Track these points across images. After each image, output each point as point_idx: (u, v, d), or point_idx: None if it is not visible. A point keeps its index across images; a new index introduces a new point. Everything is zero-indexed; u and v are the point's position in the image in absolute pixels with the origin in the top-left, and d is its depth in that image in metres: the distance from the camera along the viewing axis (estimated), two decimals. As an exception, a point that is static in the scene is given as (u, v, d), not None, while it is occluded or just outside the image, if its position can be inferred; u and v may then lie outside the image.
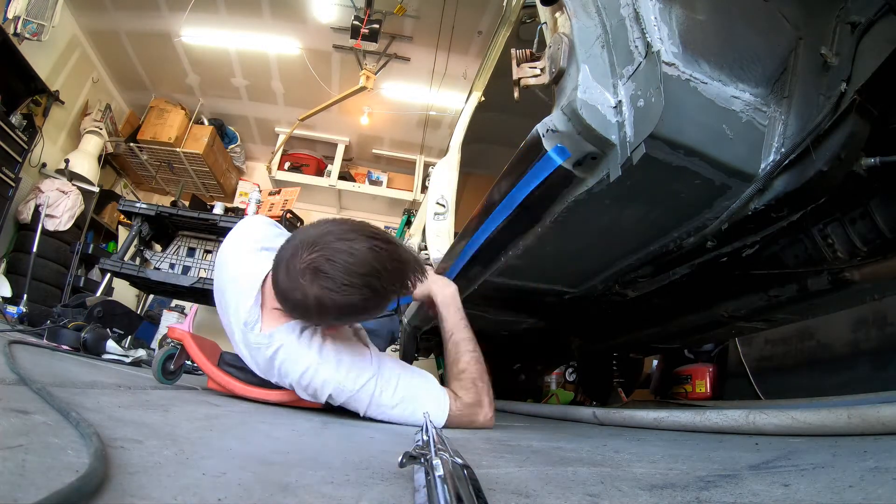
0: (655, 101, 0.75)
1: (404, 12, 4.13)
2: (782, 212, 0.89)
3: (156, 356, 1.26)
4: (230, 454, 0.53)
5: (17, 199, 4.06)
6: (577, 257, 1.23)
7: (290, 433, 0.76)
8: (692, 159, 0.79)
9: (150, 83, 5.39)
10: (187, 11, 4.23)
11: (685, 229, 0.99)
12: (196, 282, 2.75)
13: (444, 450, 0.44)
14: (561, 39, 0.94)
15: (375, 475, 0.51)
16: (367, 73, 4.50)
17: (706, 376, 2.18)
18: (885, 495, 0.45)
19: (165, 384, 1.23)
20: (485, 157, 2.86)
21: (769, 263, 1.13)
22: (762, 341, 2.12)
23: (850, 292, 1.07)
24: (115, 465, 0.41)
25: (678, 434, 1.04)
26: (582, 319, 1.81)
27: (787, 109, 0.82)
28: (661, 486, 0.53)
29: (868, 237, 0.94)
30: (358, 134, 5.78)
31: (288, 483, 0.45)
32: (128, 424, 0.64)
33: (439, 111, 5.13)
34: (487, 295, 1.58)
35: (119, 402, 0.78)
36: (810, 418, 0.80)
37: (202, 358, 1.20)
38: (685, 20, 0.80)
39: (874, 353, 1.68)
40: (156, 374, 1.22)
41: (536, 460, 0.70)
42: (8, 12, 3.57)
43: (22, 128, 3.86)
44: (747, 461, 0.65)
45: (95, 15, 4.55)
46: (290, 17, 4.39)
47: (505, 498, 0.46)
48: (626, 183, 0.85)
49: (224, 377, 1.18)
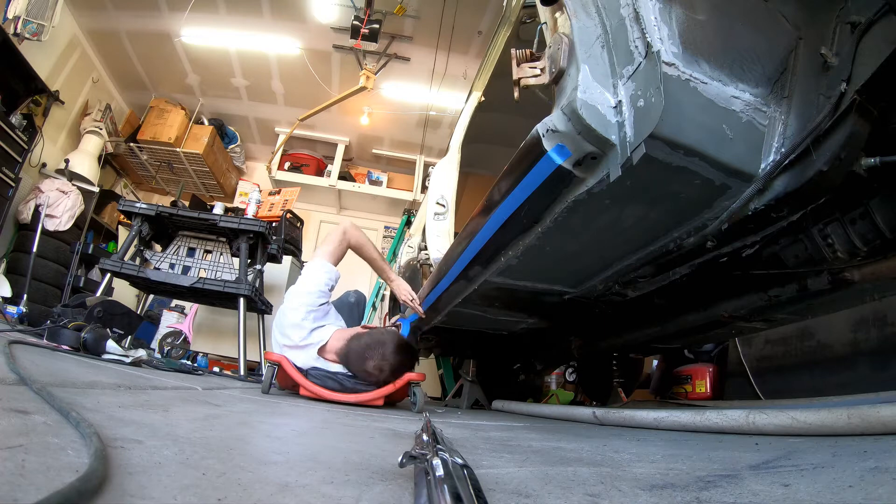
0: (655, 101, 0.75)
1: (404, 12, 4.13)
2: (782, 212, 0.89)
3: (265, 375, 1.75)
4: (230, 454, 0.53)
5: (17, 199, 4.05)
6: (577, 257, 1.23)
7: (290, 433, 0.76)
8: (692, 159, 0.78)
9: (150, 83, 5.39)
10: (187, 11, 4.23)
11: (685, 229, 0.99)
12: (196, 282, 2.74)
13: (444, 450, 0.44)
14: (561, 39, 0.94)
15: (375, 475, 0.51)
16: (367, 73, 4.50)
17: (706, 376, 2.18)
18: (885, 495, 0.45)
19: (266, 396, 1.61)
20: (485, 157, 2.86)
21: (769, 263, 1.13)
22: (762, 341, 2.12)
23: (850, 292, 1.07)
24: (115, 465, 0.41)
25: (678, 434, 1.04)
26: (582, 319, 1.81)
27: (787, 109, 0.82)
28: (661, 486, 0.53)
29: (868, 237, 0.93)
30: (358, 134, 5.78)
31: (288, 483, 0.45)
32: (128, 424, 0.64)
33: (439, 111, 5.13)
34: (487, 295, 1.58)
35: (119, 402, 0.78)
36: (810, 418, 0.80)
37: (296, 374, 1.72)
38: (685, 20, 0.80)
39: (874, 353, 1.68)
40: (265, 390, 1.69)
41: (536, 460, 0.70)
42: (8, 12, 3.57)
43: (22, 128, 3.85)
44: (747, 461, 0.65)
45: (95, 15, 4.55)
46: (290, 17, 4.38)
47: (505, 498, 0.46)
48: (626, 183, 0.85)
49: (316, 387, 1.71)
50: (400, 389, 1.75)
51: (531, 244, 1.15)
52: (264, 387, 1.70)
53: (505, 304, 1.70)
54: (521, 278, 1.41)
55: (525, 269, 1.33)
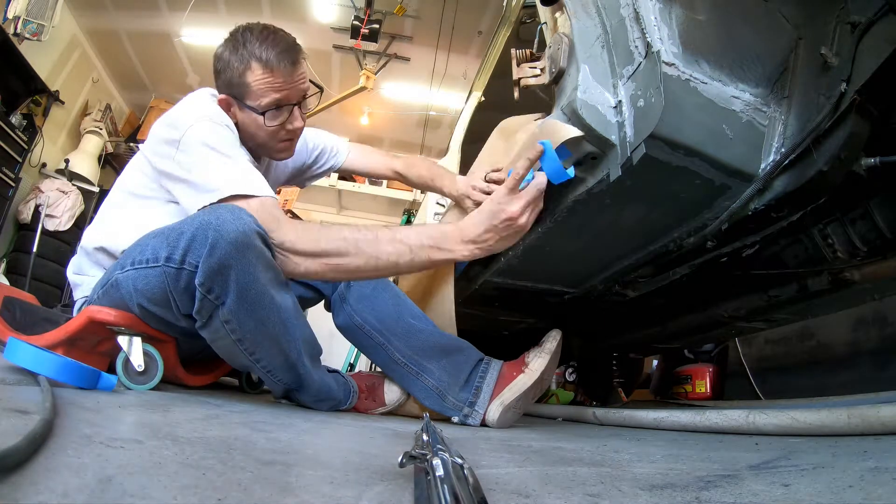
0: (655, 101, 0.75)
1: (404, 12, 4.13)
2: (782, 212, 0.89)
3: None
4: (230, 454, 0.53)
5: (17, 199, 4.05)
6: (578, 257, 1.23)
7: (290, 433, 0.76)
8: (692, 159, 0.79)
9: (150, 83, 5.39)
10: (187, 11, 4.23)
11: (685, 229, 0.99)
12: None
13: (444, 450, 0.44)
14: (561, 39, 0.94)
15: (375, 475, 0.51)
16: (367, 73, 4.51)
17: (706, 376, 2.18)
18: (885, 495, 0.45)
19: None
20: (485, 157, 2.85)
21: (769, 263, 1.13)
22: (762, 341, 2.12)
23: (850, 292, 1.07)
24: (115, 465, 0.41)
25: (678, 434, 1.04)
26: (582, 319, 1.81)
27: (787, 109, 0.82)
28: (661, 486, 0.53)
29: (868, 237, 0.94)
30: (358, 134, 5.77)
31: (288, 483, 0.45)
32: (128, 424, 0.64)
33: (439, 111, 5.13)
34: (487, 295, 1.58)
35: (119, 402, 0.78)
36: (810, 418, 0.80)
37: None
38: (685, 20, 0.80)
39: (874, 353, 1.68)
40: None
41: (536, 460, 0.70)
42: (8, 12, 3.57)
43: (22, 128, 3.85)
44: (747, 461, 0.66)
45: (95, 15, 4.55)
46: (290, 17, 4.38)
47: (505, 498, 0.46)
48: (626, 183, 0.85)
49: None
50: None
51: (531, 244, 1.15)
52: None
53: (505, 304, 1.70)
54: (521, 278, 1.41)
55: (525, 269, 1.33)
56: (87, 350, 1.06)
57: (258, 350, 0.98)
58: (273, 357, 1.01)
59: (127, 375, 0.99)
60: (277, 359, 1.02)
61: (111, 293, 1.02)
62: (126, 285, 0.97)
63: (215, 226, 0.86)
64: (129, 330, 1.00)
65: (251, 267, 0.89)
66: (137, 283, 0.95)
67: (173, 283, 0.91)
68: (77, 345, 1.03)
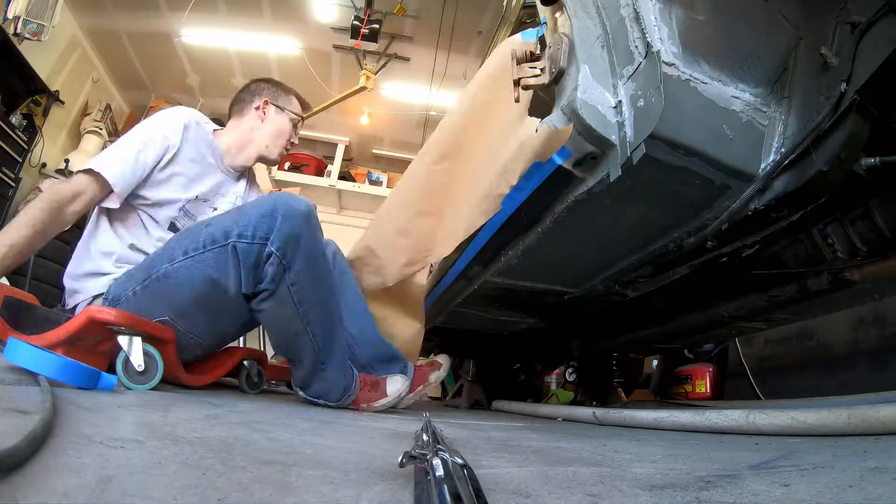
0: (655, 101, 0.75)
1: (404, 12, 4.13)
2: (782, 212, 0.89)
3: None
4: (231, 454, 0.53)
5: (17, 199, 4.05)
6: (578, 257, 1.23)
7: (290, 433, 0.76)
8: (692, 159, 0.79)
9: (150, 83, 5.38)
10: (187, 11, 4.23)
11: (685, 229, 0.99)
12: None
13: (444, 450, 0.44)
14: (561, 39, 0.94)
15: (375, 475, 0.51)
16: (367, 73, 4.50)
17: (706, 376, 2.18)
18: (885, 495, 0.45)
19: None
20: (485, 157, 2.85)
21: (769, 263, 1.13)
22: (762, 341, 2.12)
23: (850, 292, 1.07)
24: (115, 464, 0.41)
25: (678, 434, 1.04)
26: (582, 319, 1.81)
27: (787, 109, 0.82)
28: (661, 486, 0.53)
29: (868, 237, 0.94)
30: (358, 134, 5.77)
31: (288, 483, 0.45)
32: (128, 424, 0.64)
33: (439, 111, 5.13)
34: (487, 295, 1.58)
35: (119, 402, 0.78)
36: (810, 418, 0.80)
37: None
38: (685, 20, 0.80)
39: (874, 353, 1.68)
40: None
41: (536, 460, 0.70)
42: (8, 12, 3.56)
43: (22, 128, 3.85)
44: (747, 461, 0.66)
45: (95, 15, 4.54)
46: (290, 17, 4.38)
47: (505, 498, 0.46)
48: (626, 183, 0.85)
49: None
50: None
51: (531, 244, 1.15)
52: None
53: (505, 304, 1.70)
54: (521, 278, 1.41)
55: (525, 269, 1.33)
56: (87, 350, 1.06)
57: (311, 312, 1.14)
58: (320, 322, 1.16)
59: (127, 375, 0.99)
60: (325, 323, 1.17)
61: (153, 287, 1.11)
62: (178, 275, 1.09)
63: (287, 204, 1.07)
64: (129, 330, 1.00)
65: (313, 236, 1.12)
66: (194, 270, 1.07)
67: (244, 256, 1.05)
68: (77, 345, 1.03)
